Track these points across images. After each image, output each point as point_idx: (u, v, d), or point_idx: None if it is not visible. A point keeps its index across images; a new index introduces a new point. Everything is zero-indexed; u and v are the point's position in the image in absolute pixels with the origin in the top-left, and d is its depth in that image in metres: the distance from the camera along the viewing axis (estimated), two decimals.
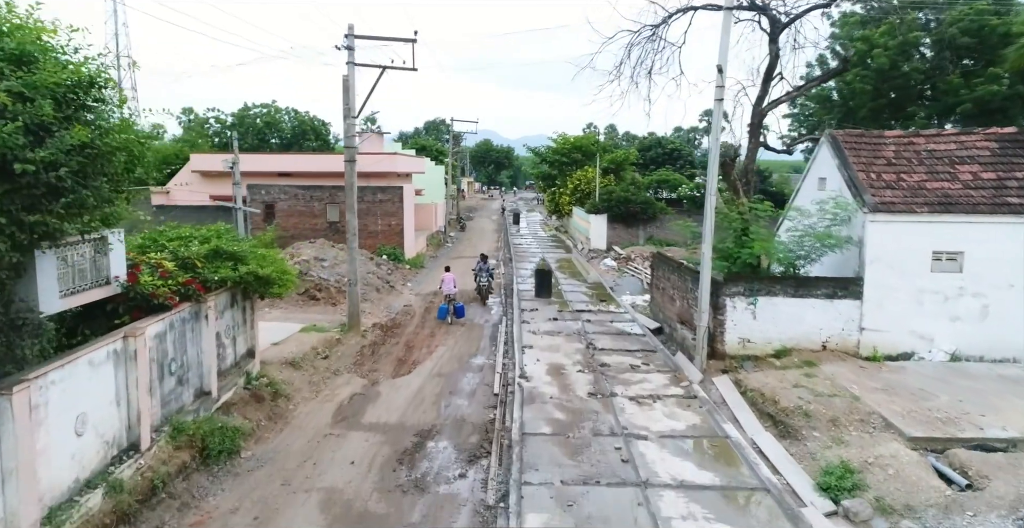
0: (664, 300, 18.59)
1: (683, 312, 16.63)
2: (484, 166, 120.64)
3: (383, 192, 30.09)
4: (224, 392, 11.14)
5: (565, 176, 49.61)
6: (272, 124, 77.89)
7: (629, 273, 30.19)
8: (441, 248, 38.83)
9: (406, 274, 28.68)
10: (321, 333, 16.45)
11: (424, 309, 22.23)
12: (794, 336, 14.09)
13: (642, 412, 11.79)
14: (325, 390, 13.62)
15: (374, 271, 25.30)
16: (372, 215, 30.20)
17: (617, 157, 48.65)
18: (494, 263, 17.93)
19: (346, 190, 17.07)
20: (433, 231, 39.73)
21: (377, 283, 23.72)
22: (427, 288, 26.28)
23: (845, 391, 11.69)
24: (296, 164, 32.29)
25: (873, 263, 13.66)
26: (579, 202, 45.74)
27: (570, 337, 17.28)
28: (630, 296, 24.77)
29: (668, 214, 37.57)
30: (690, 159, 77.66)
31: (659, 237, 37.05)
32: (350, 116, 16.87)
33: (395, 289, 24.94)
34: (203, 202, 31.79)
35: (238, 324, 12.05)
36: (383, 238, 30.38)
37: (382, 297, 22.88)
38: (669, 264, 18.26)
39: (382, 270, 26.68)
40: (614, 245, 36.94)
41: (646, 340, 17.24)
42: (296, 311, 19.20)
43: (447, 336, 18.45)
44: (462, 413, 12.52)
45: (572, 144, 50.06)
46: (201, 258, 10.60)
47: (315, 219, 30.23)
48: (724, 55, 13.47)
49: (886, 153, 15.18)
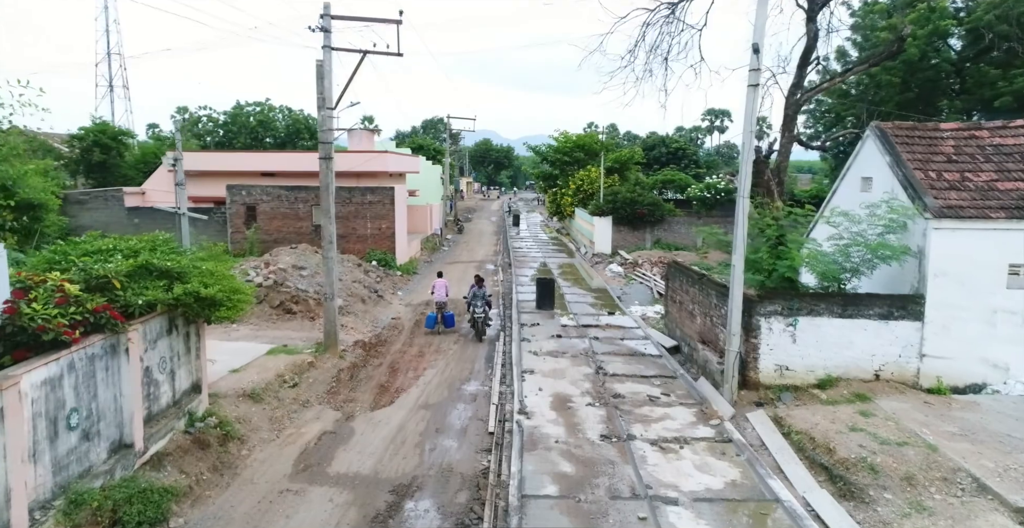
0: (681, 315, 16.50)
1: (705, 330, 14.54)
2: (483, 166, 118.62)
3: (373, 193, 28.01)
4: (155, 441, 9.04)
5: (567, 176, 47.50)
6: (266, 123, 75.96)
7: (637, 280, 28.11)
8: (436, 252, 36.74)
9: (397, 281, 26.59)
10: (291, 355, 14.34)
11: (414, 322, 20.15)
12: (841, 363, 12.00)
13: (668, 462, 9.69)
14: (289, 428, 11.52)
15: (361, 279, 23.21)
16: (361, 218, 28.14)
17: (621, 156, 46.54)
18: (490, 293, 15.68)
19: (321, 192, 14.98)
20: (428, 234, 37.64)
21: (363, 293, 21.62)
22: (419, 297, 24.19)
23: (916, 437, 9.60)
24: (280, 163, 30.22)
25: (937, 278, 11.57)
26: (582, 203, 43.66)
27: (576, 359, 15.18)
28: (639, 306, 22.69)
29: (676, 216, 35.48)
30: (695, 158, 75.64)
31: (667, 240, 34.97)
32: (325, 107, 14.78)
33: (383, 299, 22.84)
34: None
35: (178, 354, 9.96)
36: (373, 242, 28.30)
37: (368, 309, 20.79)
38: (687, 275, 16.17)
39: (370, 278, 24.59)
40: (619, 249, 34.84)
41: (663, 362, 15.14)
42: (268, 328, 17.09)
43: (437, 355, 16.37)
44: (450, 459, 10.43)
45: (574, 143, 47.95)
46: (122, 277, 8.51)
47: (300, 222, 28.16)
48: (760, 31, 11.39)
49: (944, 148, 13.09)
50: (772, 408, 11.66)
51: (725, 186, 35.11)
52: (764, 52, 11.61)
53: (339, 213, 28.05)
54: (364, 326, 18.87)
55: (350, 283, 21.68)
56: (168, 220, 28.98)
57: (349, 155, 30.33)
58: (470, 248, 39.91)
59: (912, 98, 28.24)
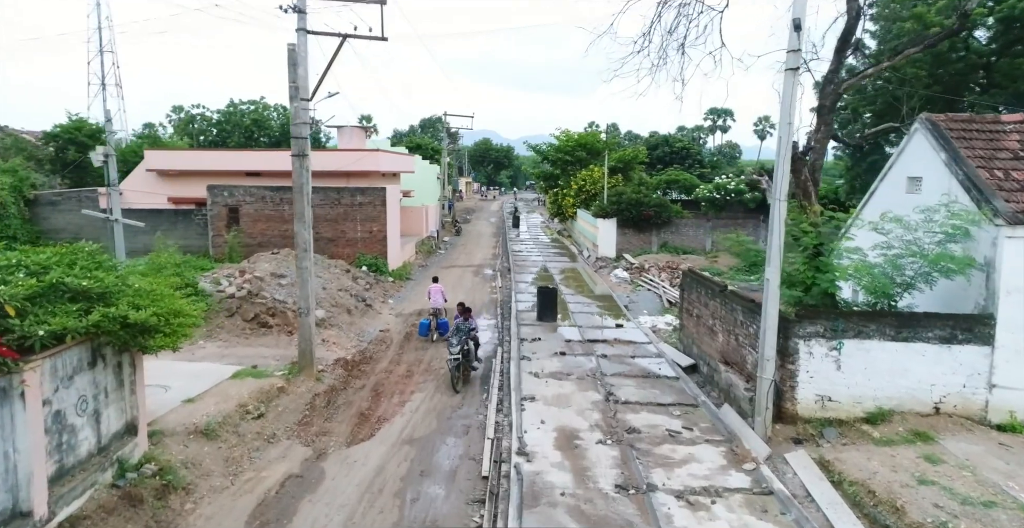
0: (699, 331, 14.78)
1: (729, 350, 12.83)
2: (483, 166, 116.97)
3: (363, 194, 26.30)
4: (67, 503, 7.33)
5: (569, 176, 45.81)
6: (260, 122, 74.38)
7: (644, 286, 26.39)
8: (432, 256, 35.02)
9: (388, 288, 24.87)
10: (260, 379, 12.61)
11: (404, 335, 18.44)
12: (894, 394, 10.28)
13: (699, 524, 7.95)
14: (248, 471, 9.80)
15: (348, 287, 21.48)
16: (350, 220, 26.42)
17: (625, 155, 44.85)
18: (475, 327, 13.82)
19: (295, 194, 13.25)
20: (424, 237, 35.93)
21: (349, 303, 19.89)
22: (411, 305, 22.47)
23: (1003, 494, 7.88)
24: (266, 162, 28.51)
25: (1010, 294, 9.85)
26: (584, 204, 41.97)
27: (583, 382, 13.44)
28: (649, 317, 20.98)
29: (684, 218, 33.75)
30: (699, 158, 73.88)
31: (674, 244, 33.26)
32: (299, 98, 13.06)
33: (372, 308, 21.12)
34: (160, 205, 28.03)
35: (106, 391, 8.24)
36: (363, 246, 26.58)
37: (354, 321, 19.06)
38: (706, 286, 14.45)
39: (359, 285, 22.87)
40: (624, 252, 33.13)
41: (680, 386, 13.40)
42: (239, 344, 15.36)
43: (427, 376, 14.65)
44: (435, 513, 8.71)
45: (576, 141, 46.27)
46: (20, 301, 6.79)
47: (286, 225, 26.41)
48: (802, 4, 9.67)
49: (1009, 143, 11.37)
50: (814, 447, 9.95)
51: (736, 186, 33.39)
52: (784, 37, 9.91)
53: (327, 215, 26.38)
54: (348, 341, 17.15)
55: (335, 292, 19.96)
56: (147, 222, 27.30)
57: (338, 154, 28.63)
58: (468, 251, 38.20)
59: (938, 93, 26.50)
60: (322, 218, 26.35)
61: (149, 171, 28.19)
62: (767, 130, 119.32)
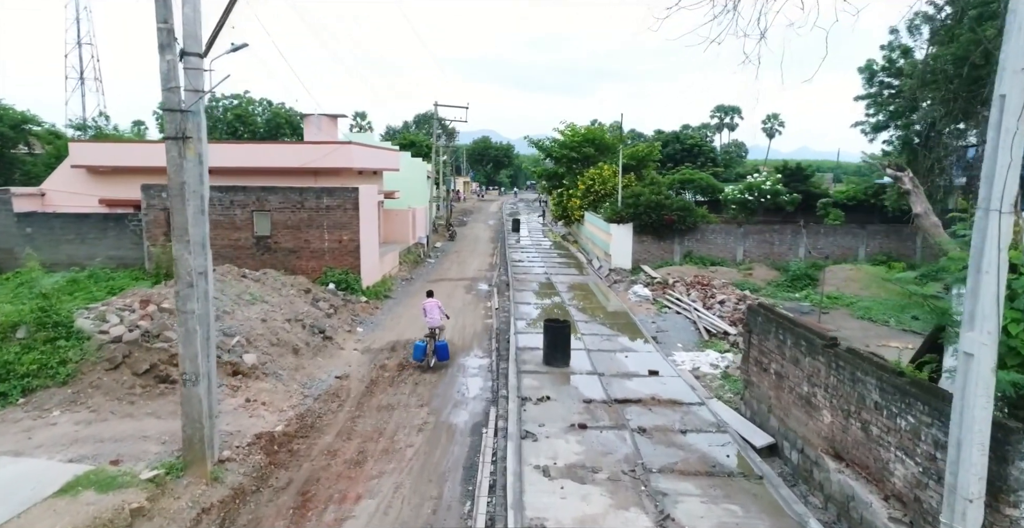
0: (780, 395, 10.18)
1: (847, 441, 8.23)
2: (482, 165, 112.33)
3: (330, 195, 21.70)
4: None
5: (575, 175, 41.22)
6: (243, 117, 69.91)
7: (671, 306, 21.77)
8: (419, 267, 30.38)
9: (359, 312, 20.24)
10: (107, 493, 7.97)
11: (370, 381, 13.89)
12: None
13: None
14: None
15: (303, 315, 16.86)
16: (315, 227, 21.82)
17: (638, 152, 40.26)
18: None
19: (172, 199, 8.44)
20: (410, 244, 31.30)
21: (298, 339, 15.26)
22: (386, 335, 17.88)
23: None
24: (216, 157, 23.75)
25: None
26: (592, 206, 37.38)
27: (618, 487, 8.79)
28: (686, 353, 16.39)
29: (711, 223, 29.13)
30: (712, 156, 69.32)
31: (700, 253, 28.64)
32: (183, 51, 8.37)
33: (332, 342, 16.51)
34: (88, 208, 23.44)
35: None
36: (331, 259, 21.97)
37: (302, 364, 14.45)
38: (796, 334, 9.82)
39: (319, 309, 18.26)
40: (642, 263, 28.53)
41: (770, 494, 8.73)
42: (114, 415, 10.69)
43: (387, 461, 10.04)
44: None
45: (583, 136, 41.67)
46: None
47: (237, 232, 21.85)
48: None
49: None
50: None
51: (772, 186, 28.77)
52: None
53: (287, 222, 21.80)
54: (286, 397, 12.53)
55: (280, 324, 15.32)
56: (71, 229, 22.72)
57: (302, 147, 24.05)
58: (461, 260, 33.56)
59: None
60: (281, 225, 21.77)
61: (76, 168, 23.59)
62: (776, 128, 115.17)
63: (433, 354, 14.61)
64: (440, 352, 14.68)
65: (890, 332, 19.41)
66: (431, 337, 14.74)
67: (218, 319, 13.80)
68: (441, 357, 14.70)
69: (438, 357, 14.66)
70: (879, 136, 28.70)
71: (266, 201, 21.68)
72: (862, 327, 19.93)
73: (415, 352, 14.59)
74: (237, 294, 16.02)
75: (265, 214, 21.79)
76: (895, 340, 18.28)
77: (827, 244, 28.36)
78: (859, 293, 24.34)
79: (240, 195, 21.73)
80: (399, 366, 15.11)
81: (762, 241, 28.54)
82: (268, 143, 23.43)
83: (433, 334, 14.79)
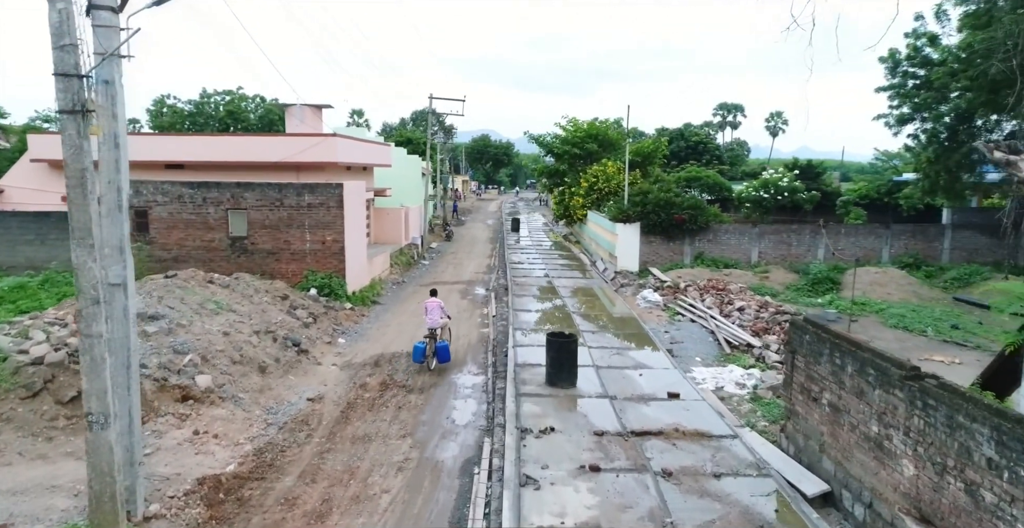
0: (835, 430, 8.32)
1: (929, 495, 6.37)
2: (481, 163, 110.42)
3: (312, 192, 19.85)
4: None
5: (577, 172, 39.35)
6: (235, 113, 68.16)
7: (684, 314, 19.92)
8: (412, 269, 28.52)
9: (342, 320, 18.39)
10: None
11: (347, 404, 12.07)
12: None
13: None
14: None
15: (275, 325, 15.01)
16: (296, 227, 19.97)
17: (643, 148, 38.44)
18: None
19: (68, 186, 6.54)
20: (403, 245, 29.43)
21: (265, 354, 13.40)
22: (372, 347, 16.04)
23: None
24: (190, 150, 22.01)
25: None
26: (595, 205, 35.53)
27: None
28: (706, 368, 14.54)
29: (724, 223, 27.27)
30: (717, 154, 67.49)
31: (712, 254, 26.76)
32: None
33: (307, 356, 14.66)
34: (52, 206, 21.57)
35: None
36: (313, 261, 20.12)
37: (268, 384, 12.59)
38: (855, 357, 7.93)
39: (296, 318, 16.40)
40: (650, 265, 26.67)
41: None
42: (23, 458, 8.78)
43: (356, 513, 8.19)
44: None
45: (586, 132, 39.80)
46: None
47: (211, 232, 19.99)
48: None
49: None
50: None
51: (790, 183, 26.91)
52: None
53: (265, 221, 19.95)
54: (244, 427, 10.67)
55: (246, 338, 13.45)
56: (30, 228, 20.87)
57: (283, 140, 22.19)
58: (457, 261, 31.71)
59: None
60: (258, 224, 19.91)
61: (36, 162, 21.72)
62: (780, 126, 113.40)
63: (433, 355, 13.94)
64: (441, 353, 13.97)
65: (929, 343, 17.56)
66: (431, 338, 13.98)
67: (170, 333, 11.95)
68: (442, 358, 14.00)
69: (439, 359, 13.98)
70: (904, 129, 26.79)
71: (242, 198, 19.83)
72: (897, 338, 18.07)
73: (415, 354, 13.83)
74: (199, 303, 14.16)
75: (241, 213, 19.93)
76: (937, 353, 16.44)
77: (848, 245, 26.50)
78: (887, 298, 22.49)
79: (213, 192, 19.87)
80: (382, 385, 13.26)
81: (779, 242, 26.68)
82: (245, 135, 21.48)
83: (433, 335, 14.02)
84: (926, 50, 26.69)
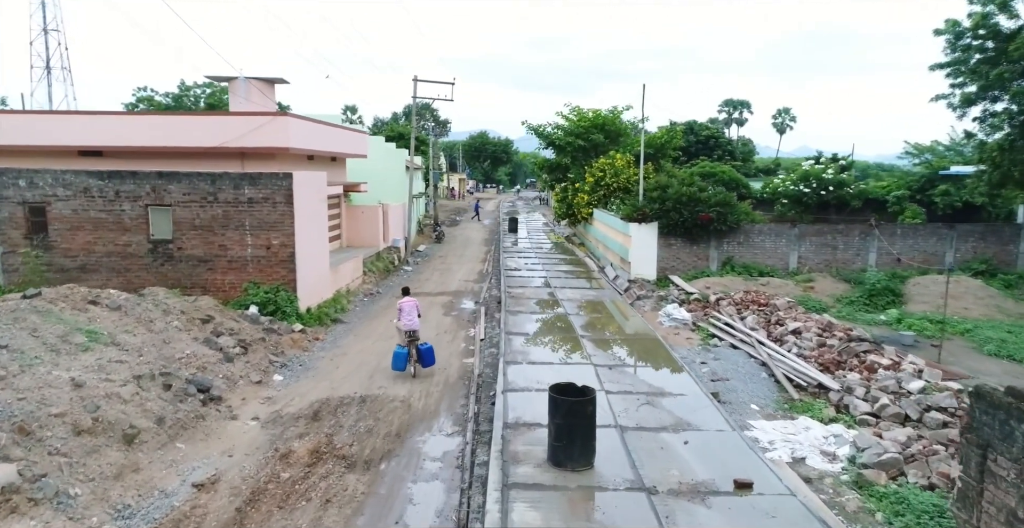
0: None
1: None
2: (479, 161, 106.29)
3: (253, 184, 15.77)
4: None
5: (581, 166, 35.26)
6: (217, 105, 64.12)
7: (721, 336, 15.83)
8: (391, 276, 24.38)
9: (285, 347, 14.28)
10: None
11: (251, 494, 8.00)
12: None
13: None
14: None
15: (180, 362, 10.91)
16: (233, 228, 15.90)
17: (656, 138, 34.34)
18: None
19: None
20: (380, 248, 25.30)
21: (135, 418, 9.23)
22: (317, 386, 11.90)
23: None
24: (110, 133, 17.83)
25: None
26: (602, 202, 31.45)
27: None
28: (767, 422, 10.51)
29: (759, 223, 23.17)
30: (730, 149, 63.37)
31: (743, 260, 22.66)
32: None
33: (220, 405, 10.57)
34: None
35: None
36: (256, 271, 16.04)
37: (137, 461, 8.47)
38: None
39: (215, 350, 12.30)
40: (670, 272, 22.58)
41: None
42: None
43: None
44: None
45: (591, 121, 35.69)
46: None
47: (127, 234, 15.92)
48: None
49: None
50: None
51: (836, 176, 22.79)
52: None
53: (194, 220, 15.85)
54: None
55: (112, 389, 9.30)
56: None
57: (221, 120, 18.08)
58: (446, 266, 27.60)
59: None
60: (187, 225, 15.85)
61: None
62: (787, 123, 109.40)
63: (417, 361, 12.74)
64: (425, 356, 12.81)
65: None
66: (412, 341, 12.73)
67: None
68: (427, 362, 12.84)
69: (423, 363, 12.80)
70: (970, 112, 22.67)
71: (166, 192, 15.74)
72: (1004, 369, 13.97)
73: (395, 361, 12.67)
74: (61, 335, 10.06)
75: (165, 210, 15.84)
76: None
77: (905, 248, 22.39)
78: (964, 314, 18.40)
79: (129, 183, 15.78)
80: (313, 454, 9.19)
81: (822, 245, 22.57)
82: (175, 114, 17.29)
83: (414, 337, 12.78)
84: (996, 18, 22.60)
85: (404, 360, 12.62)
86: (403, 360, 12.61)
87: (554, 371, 12.31)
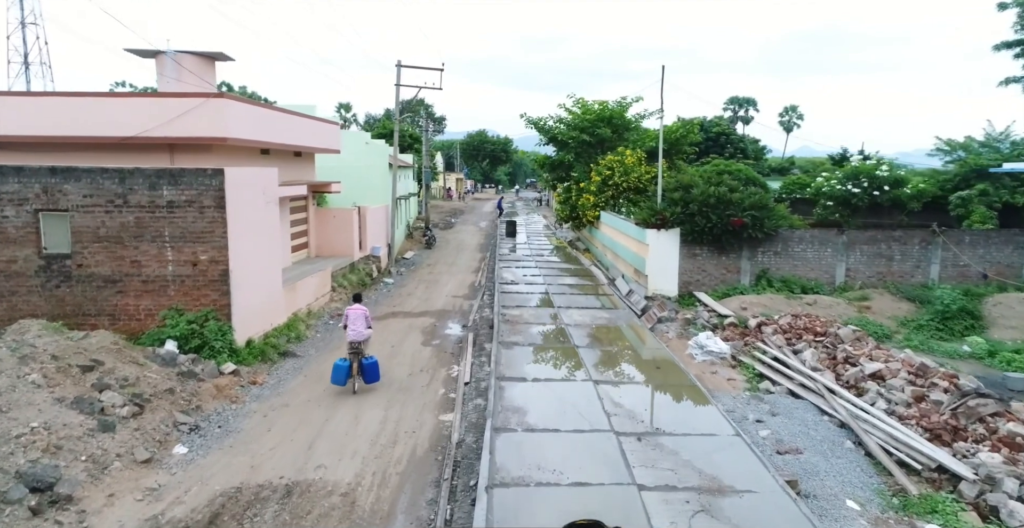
0: None
1: None
2: (477, 161, 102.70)
3: (175, 183, 12.24)
4: None
5: (586, 164, 31.74)
6: None
7: (769, 375, 12.29)
8: (367, 292, 20.73)
9: (206, 398, 10.75)
10: None
11: None
12: None
13: None
14: None
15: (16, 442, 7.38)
16: (149, 239, 12.38)
17: (671, 132, 30.80)
18: None
19: None
20: (355, 258, 21.73)
21: None
22: (232, 466, 8.22)
23: None
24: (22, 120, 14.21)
25: None
26: (610, 204, 27.94)
27: None
28: None
29: (798, 228, 19.61)
30: (741, 146, 59.81)
31: (781, 272, 19.10)
32: None
33: (67, 510, 7.02)
34: None
35: None
36: (179, 294, 12.52)
37: None
38: None
39: (88, 414, 8.77)
40: (694, 288, 19.05)
41: None
42: None
43: None
44: None
45: (597, 114, 32.11)
46: None
47: (11, 248, 12.39)
48: None
49: None
50: None
51: (892, 174, 19.21)
52: None
53: (101, 229, 12.24)
54: None
55: None
56: None
57: (142, 102, 14.48)
58: (433, 277, 24.05)
59: None
60: (89, 235, 12.32)
61: None
62: (794, 121, 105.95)
63: (360, 374, 11.64)
64: (369, 371, 11.70)
65: None
66: (355, 353, 11.58)
67: None
68: (370, 378, 11.73)
69: (365, 378, 11.70)
70: None
71: (61, 193, 12.22)
72: None
73: (335, 374, 11.44)
74: None
75: (61, 216, 12.32)
76: None
77: (974, 258, 18.86)
78: None
79: (13, 183, 12.27)
80: None
81: (875, 255, 19.04)
82: (84, 95, 13.64)
83: (358, 350, 11.58)
84: None
85: (345, 374, 11.41)
86: (345, 373, 11.41)
87: (561, 444, 8.79)
